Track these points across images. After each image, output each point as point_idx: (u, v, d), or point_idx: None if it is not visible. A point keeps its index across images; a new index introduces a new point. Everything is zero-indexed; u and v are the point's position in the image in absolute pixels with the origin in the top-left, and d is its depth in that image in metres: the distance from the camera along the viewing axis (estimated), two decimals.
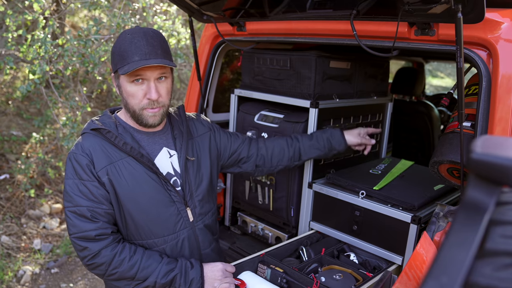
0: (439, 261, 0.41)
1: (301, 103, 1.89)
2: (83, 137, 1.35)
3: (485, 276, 0.41)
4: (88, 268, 1.33)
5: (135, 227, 1.37)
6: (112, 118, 1.40)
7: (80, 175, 1.29)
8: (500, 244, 0.45)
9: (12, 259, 3.33)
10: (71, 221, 1.29)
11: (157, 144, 1.43)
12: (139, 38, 1.27)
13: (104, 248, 1.29)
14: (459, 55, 1.19)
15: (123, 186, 1.32)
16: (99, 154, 1.31)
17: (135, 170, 1.34)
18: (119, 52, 1.28)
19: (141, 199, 1.35)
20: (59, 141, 4.14)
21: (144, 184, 1.35)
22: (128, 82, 1.30)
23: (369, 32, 1.55)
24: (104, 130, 1.32)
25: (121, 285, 1.35)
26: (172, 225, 1.41)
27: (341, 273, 1.54)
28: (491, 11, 1.29)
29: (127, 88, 1.31)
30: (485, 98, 1.32)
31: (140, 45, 1.26)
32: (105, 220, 1.31)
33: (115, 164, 1.32)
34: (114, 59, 1.32)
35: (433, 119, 3.27)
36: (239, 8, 1.89)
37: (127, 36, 1.28)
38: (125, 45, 1.27)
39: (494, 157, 0.46)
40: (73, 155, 1.31)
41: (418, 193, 1.73)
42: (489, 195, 0.48)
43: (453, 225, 0.46)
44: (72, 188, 1.29)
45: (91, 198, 1.29)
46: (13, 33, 3.16)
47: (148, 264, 1.32)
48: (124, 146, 1.32)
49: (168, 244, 1.42)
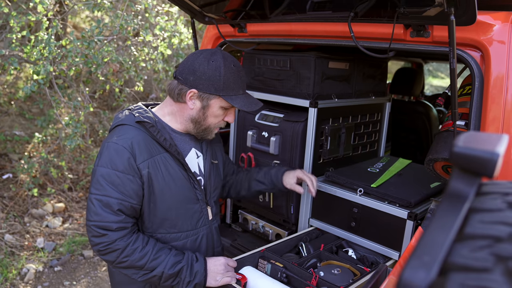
0: (422, 242, 0.46)
1: (300, 102, 1.93)
2: (125, 129, 1.37)
3: (463, 256, 0.46)
4: (99, 254, 1.35)
5: (162, 220, 1.44)
6: (150, 113, 1.44)
7: (116, 165, 1.31)
8: (478, 228, 0.49)
9: (16, 257, 3.37)
10: (94, 208, 1.31)
11: (187, 144, 1.52)
12: (242, 72, 1.46)
13: (120, 238, 1.33)
14: (452, 56, 1.24)
15: (159, 180, 1.38)
16: (142, 147, 1.35)
17: (170, 166, 1.41)
18: (224, 79, 1.39)
19: (173, 193, 1.42)
20: (61, 141, 4.19)
21: (177, 180, 1.42)
22: (220, 106, 1.43)
23: (366, 34, 1.59)
24: (148, 124, 1.37)
25: (129, 273, 1.39)
26: (195, 221, 1.51)
27: (339, 268, 1.58)
28: (483, 13, 1.34)
29: (215, 110, 1.43)
30: (478, 97, 1.37)
31: (244, 79, 1.46)
32: (128, 214, 1.35)
33: (154, 158, 1.37)
34: (211, 82, 1.38)
35: (431, 118, 3.31)
36: (240, 10, 1.94)
37: (232, 67, 1.40)
38: (231, 75, 1.40)
39: (472, 150, 0.50)
40: (114, 144, 1.33)
41: (414, 190, 1.77)
42: (470, 185, 0.53)
43: (437, 211, 0.50)
44: (104, 177, 1.31)
45: (122, 191, 1.32)
46: (17, 34, 3.21)
47: (158, 255, 1.37)
48: (164, 141, 1.38)
49: (189, 239, 1.50)
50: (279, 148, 2.01)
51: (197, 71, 1.38)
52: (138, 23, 3.55)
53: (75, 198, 4.32)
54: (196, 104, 1.42)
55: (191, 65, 1.40)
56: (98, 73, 3.47)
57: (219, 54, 1.40)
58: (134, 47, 3.90)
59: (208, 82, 1.38)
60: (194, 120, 1.45)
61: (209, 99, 1.41)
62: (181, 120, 1.48)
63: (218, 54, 1.40)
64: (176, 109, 1.47)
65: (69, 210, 4.17)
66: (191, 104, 1.42)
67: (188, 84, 1.39)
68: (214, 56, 1.39)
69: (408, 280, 0.42)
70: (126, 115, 1.42)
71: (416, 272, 0.43)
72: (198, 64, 1.38)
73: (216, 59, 1.38)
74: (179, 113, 1.47)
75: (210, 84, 1.38)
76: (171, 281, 1.40)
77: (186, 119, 1.46)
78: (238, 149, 2.24)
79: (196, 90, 1.39)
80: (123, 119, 1.40)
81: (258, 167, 1.91)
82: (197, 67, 1.38)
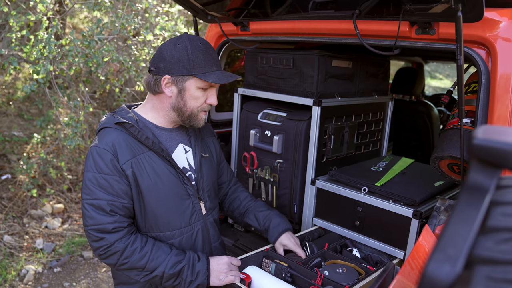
0: (445, 235, 0.45)
1: (304, 101, 1.92)
2: (106, 132, 1.38)
3: (488, 249, 0.44)
4: (100, 258, 1.36)
5: (154, 219, 1.42)
6: (131, 113, 1.45)
7: (101, 168, 1.33)
8: (501, 221, 0.48)
9: (15, 258, 3.35)
10: (88, 213, 1.32)
11: (173, 140, 1.50)
12: (212, 49, 1.43)
13: (118, 239, 1.33)
14: (459, 53, 1.23)
15: (145, 179, 1.37)
16: (124, 148, 1.35)
17: (155, 164, 1.39)
18: (193, 58, 1.36)
19: (161, 191, 1.40)
20: (61, 141, 4.17)
21: (163, 177, 1.40)
22: (197, 87, 1.41)
23: (371, 31, 1.58)
24: (128, 124, 1.38)
25: (132, 275, 1.38)
26: (188, 217, 1.48)
27: (344, 267, 1.57)
28: (490, 10, 1.33)
29: (193, 91, 1.40)
30: (484, 95, 1.36)
31: (215, 56, 1.43)
32: (122, 214, 1.35)
33: (138, 157, 1.37)
34: (181, 64, 1.37)
35: (432, 118, 3.31)
36: (243, 8, 1.93)
37: (200, 45, 1.38)
38: (200, 53, 1.38)
39: (494, 142, 0.49)
40: (95, 148, 1.34)
41: (419, 189, 1.76)
42: (490, 178, 0.51)
43: (457, 205, 0.49)
44: (91, 181, 1.33)
45: (111, 192, 1.33)
46: (17, 34, 3.19)
47: (158, 255, 1.36)
48: (146, 140, 1.38)
49: (184, 236, 1.48)
50: (282, 147, 2.00)
51: (166, 57, 1.38)
52: (139, 22, 3.54)
53: (74, 199, 4.29)
54: (173, 91, 1.41)
55: (159, 54, 1.41)
56: (99, 73, 3.46)
57: (184, 36, 1.41)
58: (134, 46, 3.88)
59: (178, 65, 1.37)
60: (175, 107, 1.44)
61: (183, 82, 1.39)
62: (163, 112, 1.47)
63: (184, 37, 1.40)
64: (156, 102, 1.47)
65: (68, 211, 4.15)
66: (168, 92, 1.42)
67: (161, 71, 1.39)
68: (180, 39, 1.40)
69: (433, 274, 0.41)
70: (107, 118, 1.43)
71: (442, 265, 0.42)
72: (165, 50, 1.39)
73: (181, 41, 1.38)
74: (160, 105, 1.46)
75: (181, 66, 1.37)
76: (172, 281, 1.38)
77: (167, 110, 1.45)
78: (241, 148, 2.23)
79: (169, 75, 1.39)
80: (105, 122, 1.42)
81: (260, 201, 1.85)
82: (165, 53, 1.39)
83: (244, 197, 1.81)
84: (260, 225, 1.74)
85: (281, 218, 1.75)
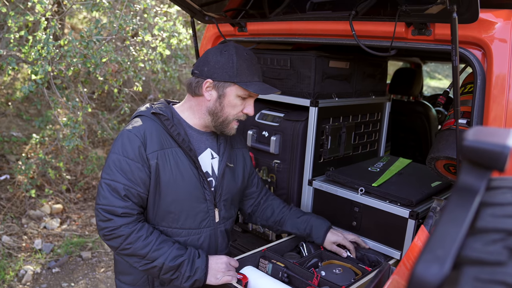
0: (435, 236, 0.45)
1: (301, 102, 1.93)
2: (141, 119, 1.43)
3: (476, 250, 0.45)
4: (104, 238, 1.38)
5: (165, 212, 1.44)
6: (169, 108, 1.49)
7: (127, 152, 1.35)
8: (490, 222, 0.49)
9: (13, 258, 3.35)
10: (103, 192, 1.35)
11: (203, 144, 1.53)
12: (255, 60, 1.47)
13: (125, 224, 1.35)
14: (454, 54, 1.23)
15: (167, 172, 1.40)
16: (154, 138, 1.39)
17: (180, 161, 1.42)
18: (237, 66, 1.41)
19: (179, 188, 1.42)
20: (59, 141, 4.17)
21: (185, 175, 1.43)
22: (237, 95, 1.44)
23: (368, 32, 1.59)
24: (163, 116, 1.42)
25: (131, 261, 1.40)
26: (199, 221, 1.50)
27: (341, 267, 1.58)
28: (485, 11, 1.34)
29: (232, 99, 1.43)
30: (480, 96, 1.36)
31: (258, 68, 1.47)
32: (135, 202, 1.38)
33: (165, 150, 1.40)
34: (225, 70, 1.40)
35: (430, 118, 3.32)
36: (241, 9, 1.94)
37: (245, 55, 1.42)
38: (245, 62, 1.42)
39: (483, 143, 0.50)
40: (127, 132, 1.38)
41: (415, 189, 1.77)
42: (480, 179, 0.52)
43: (447, 205, 0.50)
44: (115, 163, 1.36)
45: (130, 178, 1.35)
46: (15, 34, 3.19)
47: (161, 246, 1.38)
48: (177, 136, 1.42)
49: (190, 237, 1.49)
50: (280, 148, 2.01)
51: (211, 62, 1.43)
52: (137, 23, 3.54)
53: (73, 199, 4.30)
54: (212, 95, 1.45)
55: (205, 58, 1.45)
56: (97, 73, 3.46)
57: (231, 44, 1.45)
58: (132, 47, 3.88)
59: (222, 70, 1.41)
60: (211, 111, 1.47)
61: (224, 87, 1.43)
62: (199, 114, 1.50)
63: (230, 45, 1.45)
64: (194, 103, 1.50)
65: (67, 211, 4.15)
66: (207, 96, 1.45)
67: (204, 75, 1.43)
68: (226, 47, 1.44)
69: (421, 274, 0.42)
70: (146, 107, 1.48)
71: (430, 266, 0.42)
72: (211, 56, 1.44)
73: (228, 49, 1.43)
74: (197, 107, 1.49)
75: (224, 72, 1.41)
76: (170, 274, 1.39)
77: (203, 112, 1.48)
78: None
79: (211, 79, 1.42)
80: (142, 110, 1.47)
81: (294, 207, 1.82)
82: (210, 58, 1.44)
83: (277, 205, 1.80)
84: (301, 231, 1.73)
85: (319, 218, 1.75)
